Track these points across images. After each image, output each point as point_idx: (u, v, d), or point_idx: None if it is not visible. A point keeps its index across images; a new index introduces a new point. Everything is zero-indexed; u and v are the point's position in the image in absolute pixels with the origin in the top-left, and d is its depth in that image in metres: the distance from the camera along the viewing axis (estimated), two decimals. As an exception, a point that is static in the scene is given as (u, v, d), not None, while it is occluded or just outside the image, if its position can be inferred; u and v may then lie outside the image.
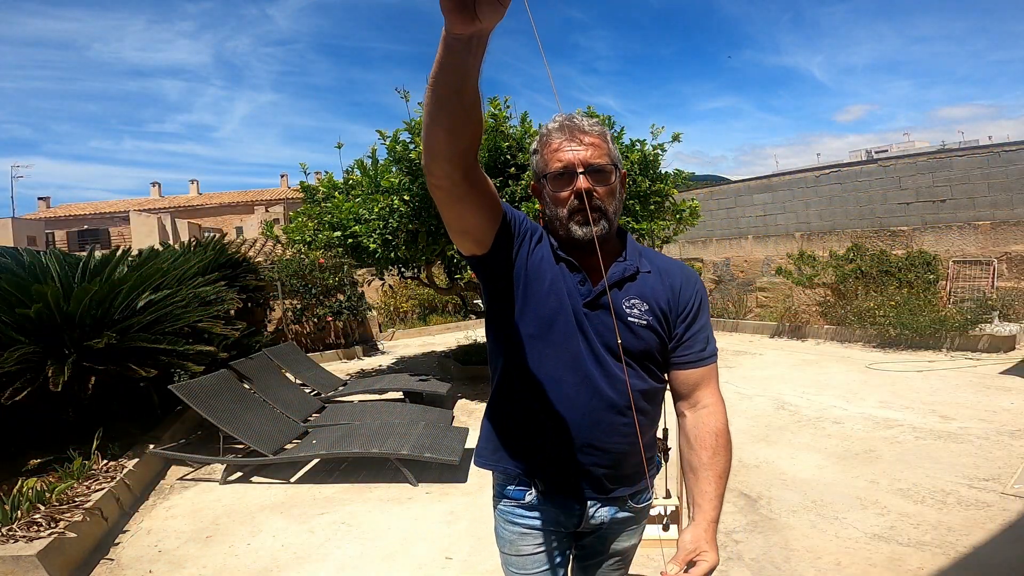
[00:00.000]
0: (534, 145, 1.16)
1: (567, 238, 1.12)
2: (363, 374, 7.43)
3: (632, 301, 1.12)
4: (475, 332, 9.79)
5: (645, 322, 1.12)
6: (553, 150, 1.10)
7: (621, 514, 1.20)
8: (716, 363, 1.17)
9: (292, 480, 3.86)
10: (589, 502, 1.16)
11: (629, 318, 1.11)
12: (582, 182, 1.06)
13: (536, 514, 1.19)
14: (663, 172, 5.92)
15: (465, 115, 0.86)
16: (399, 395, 5.73)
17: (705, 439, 1.09)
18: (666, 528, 2.37)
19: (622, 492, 1.17)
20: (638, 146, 5.78)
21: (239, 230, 27.15)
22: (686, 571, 0.96)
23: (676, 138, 5.68)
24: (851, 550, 2.55)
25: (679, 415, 1.16)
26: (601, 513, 1.18)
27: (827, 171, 10.86)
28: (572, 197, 1.08)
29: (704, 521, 1.03)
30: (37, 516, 2.90)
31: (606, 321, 1.10)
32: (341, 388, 5.77)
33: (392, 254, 5.54)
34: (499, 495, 1.24)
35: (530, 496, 1.18)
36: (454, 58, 0.76)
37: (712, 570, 0.96)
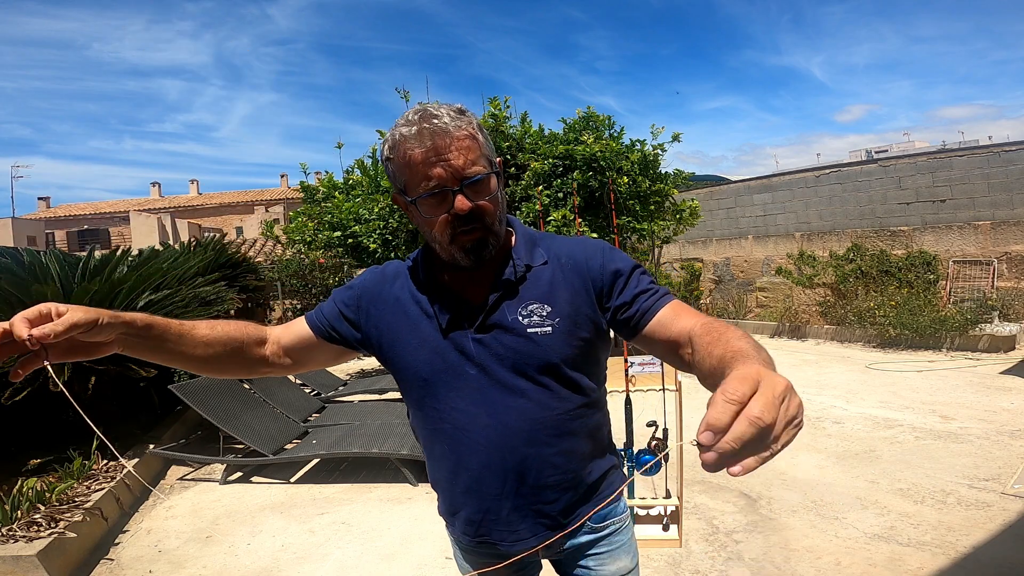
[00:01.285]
0: (384, 150, 0.93)
1: (450, 262, 0.96)
2: (363, 374, 7.43)
3: (530, 307, 0.94)
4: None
5: (549, 328, 0.93)
6: (415, 163, 0.87)
7: (583, 538, 1.04)
8: (676, 300, 0.94)
9: (292, 480, 3.86)
10: (532, 539, 0.99)
11: (529, 329, 0.93)
12: (460, 202, 0.87)
13: (472, 557, 1.08)
14: (663, 172, 5.92)
15: (210, 366, 0.96)
16: (399, 395, 5.73)
17: (707, 339, 0.77)
18: (666, 528, 2.37)
19: (572, 521, 1.00)
20: (638, 146, 5.79)
21: (239, 230, 27.16)
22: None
23: (676, 138, 5.68)
24: (851, 550, 2.55)
25: (686, 365, 0.85)
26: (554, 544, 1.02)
27: (827, 171, 10.87)
28: (450, 220, 0.89)
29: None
30: (37, 516, 2.90)
31: (505, 341, 0.93)
32: (341, 388, 5.77)
33: (392, 254, 5.55)
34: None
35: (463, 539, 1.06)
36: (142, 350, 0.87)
37: (783, 393, 0.53)
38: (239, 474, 4.00)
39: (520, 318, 0.93)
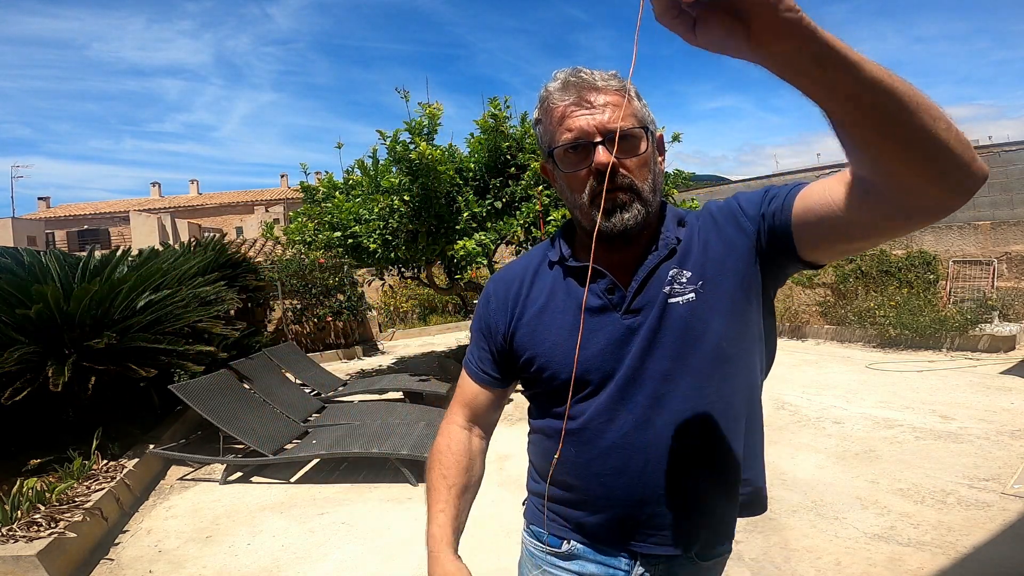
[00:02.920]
0: (535, 113, 0.90)
1: (591, 229, 0.85)
2: (363, 374, 7.43)
3: (673, 276, 0.85)
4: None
5: (691, 295, 0.84)
6: (559, 117, 0.83)
7: (711, 558, 0.93)
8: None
9: (292, 480, 3.86)
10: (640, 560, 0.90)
11: (671, 299, 0.84)
12: (601, 155, 0.80)
13: (574, 566, 0.94)
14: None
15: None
16: (399, 395, 5.73)
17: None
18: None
19: (690, 548, 0.89)
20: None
21: (239, 230, 27.16)
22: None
23: (676, 138, 5.68)
24: (851, 550, 2.55)
25: (856, 192, 0.67)
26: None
27: (827, 171, 10.87)
28: (591, 177, 0.82)
29: None
30: (37, 516, 2.90)
31: (651, 323, 0.84)
32: (341, 388, 5.77)
33: (392, 254, 5.55)
34: (528, 528, 1.02)
35: (567, 546, 0.94)
36: None
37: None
38: (239, 474, 4.00)
39: (666, 291, 0.85)
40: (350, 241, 5.65)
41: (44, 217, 31.28)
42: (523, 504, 1.05)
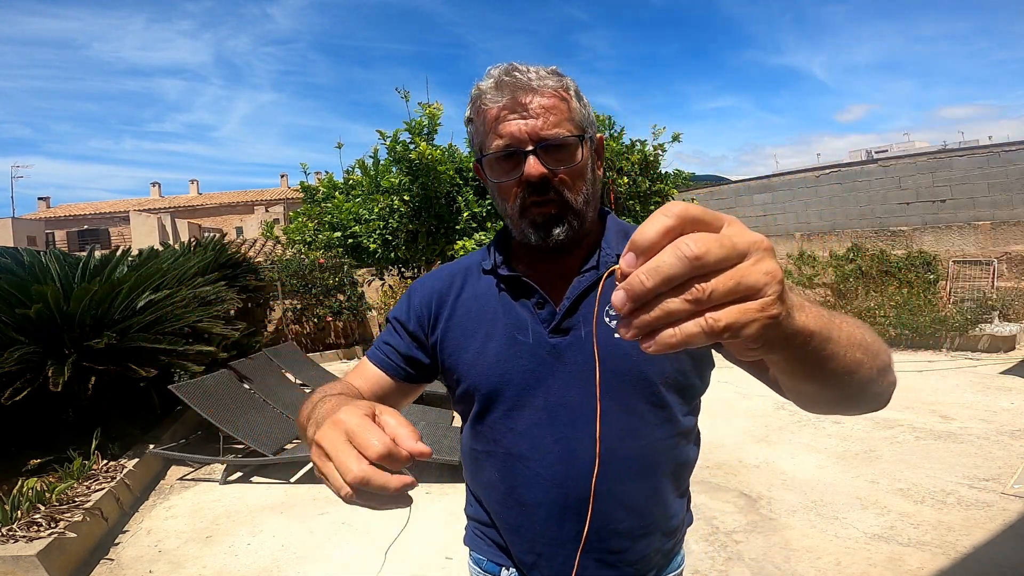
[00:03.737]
0: (467, 111, 0.83)
1: (524, 242, 0.81)
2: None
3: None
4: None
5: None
6: (491, 120, 0.76)
7: None
8: None
9: (292, 480, 3.86)
10: None
11: (616, 334, 0.76)
12: (532, 166, 0.74)
13: None
14: (663, 172, 5.92)
15: None
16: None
17: None
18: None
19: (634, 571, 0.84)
20: (638, 146, 5.79)
21: (239, 230, 27.16)
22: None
23: (676, 138, 5.68)
24: (851, 550, 2.55)
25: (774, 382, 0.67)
26: None
27: (827, 171, 10.87)
28: (520, 187, 0.76)
29: None
30: (37, 516, 2.90)
31: (586, 348, 0.78)
32: (341, 388, 5.76)
33: (392, 254, 5.55)
34: (470, 554, 0.95)
35: (506, 573, 0.88)
36: None
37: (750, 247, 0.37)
38: (239, 474, 4.00)
39: (607, 320, 0.77)
40: (350, 241, 5.66)
41: (44, 217, 31.29)
42: (465, 529, 0.98)
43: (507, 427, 0.82)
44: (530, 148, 0.74)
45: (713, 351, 0.77)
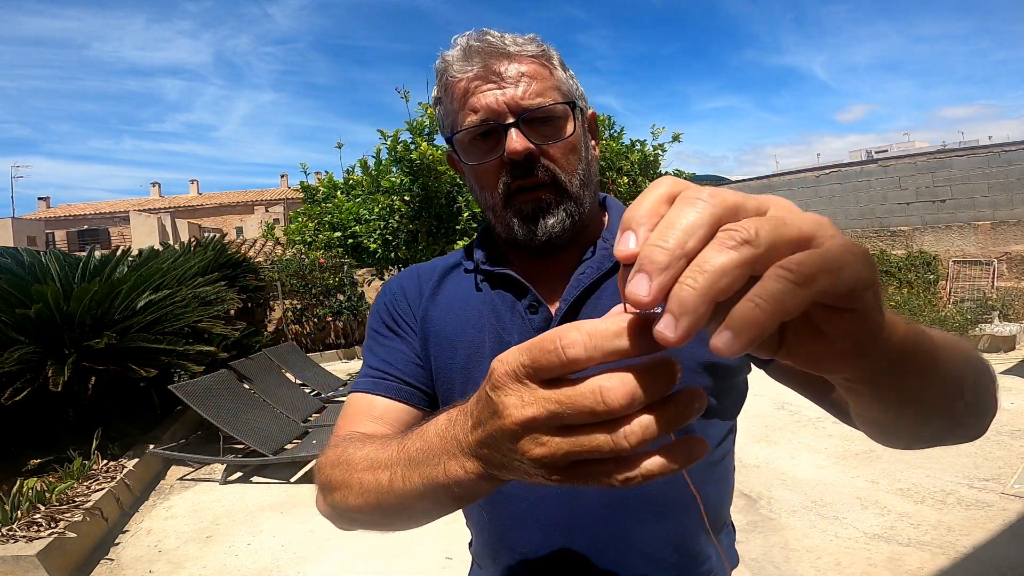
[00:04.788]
0: (434, 91, 0.69)
1: (509, 238, 0.68)
2: (363, 374, 7.42)
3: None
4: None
5: None
6: (461, 94, 0.64)
7: None
8: None
9: (292, 480, 3.86)
10: None
11: None
12: (515, 141, 0.61)
13: None
14: (663, 172, 5.92)
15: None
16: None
17: None
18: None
19: None
20: (638, 146, 5.79)
21: (239, 230, 27.16)
22: None
23: (676, 138, 5.68)
24: (851, 550, 2.55)
25: (836, 406, 0.60)
26: None
27: (827, 171, 10.87)
28: (502, 171, 0.64)
29: None
30: (37, 516, 2.90)
31: None
32: (341, 388, 5.76)
33: (392, 254, 5.55)
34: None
35: None
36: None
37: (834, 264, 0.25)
38: (239, 474, 4.00)
39: None
40: (350, 241, 5.66)
41: (44, 217, 31.29)
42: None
43: None
44: (510, 121, 0.62)
45: (755, 364, 0.66)
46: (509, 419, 0.31)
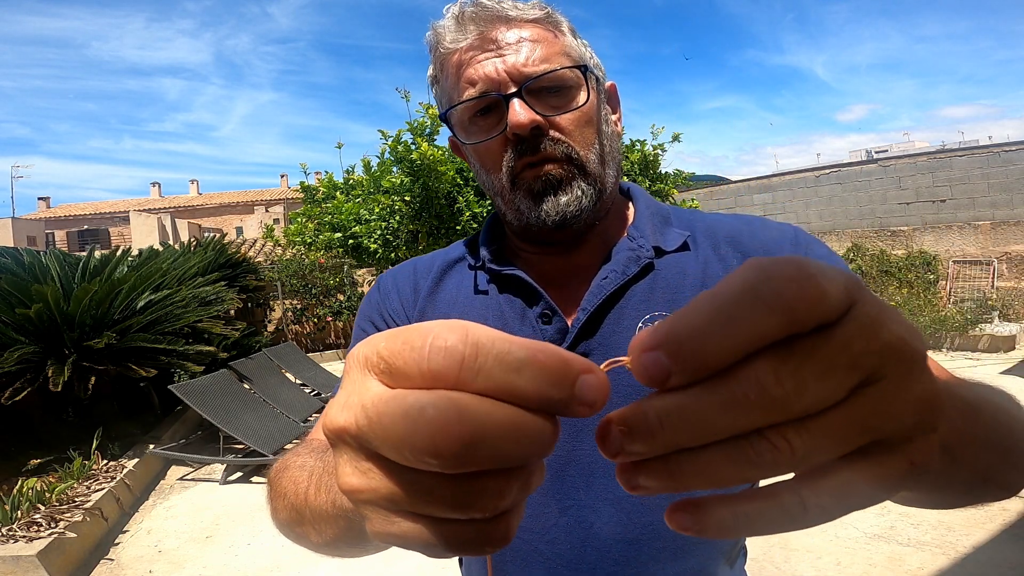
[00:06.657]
0: (430, 69, 0.62)
1: (520, 225, 0.60)
2: (363, 374, 7.42)
3: (655, 318, 0.56)
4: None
5: None
6: (455, 66, 0.57)
7: None
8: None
9: (292, 480, 3.86)
10: None
11: None
12: (519, 112, 0.53)
13: None
14: (663, 172, 5.93)
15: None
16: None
17: None
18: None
19: None
20: (638, 146, 5.79)
21: (239, 230, 27.17)
22: None
23: (676, 138, 5.69)
24: (851, 550, 2.55)
25: None
26: None
27: (827, 171, 10.87)
28: (507, 148, 0.56)
29: None
30: (37, 516, 2.90)
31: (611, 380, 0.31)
32: (341, 388, 5.76)
33: (392, 254, 5.55)
34: None
35: None
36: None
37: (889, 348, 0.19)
38: (239, 474, 4.00)
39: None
40: (351, 241, 5.66)
41: (44, 217, 31.30)
42: None
43: None
44: (512, 91, 0.54)
45: None
46: (328, 421, 0.23)
